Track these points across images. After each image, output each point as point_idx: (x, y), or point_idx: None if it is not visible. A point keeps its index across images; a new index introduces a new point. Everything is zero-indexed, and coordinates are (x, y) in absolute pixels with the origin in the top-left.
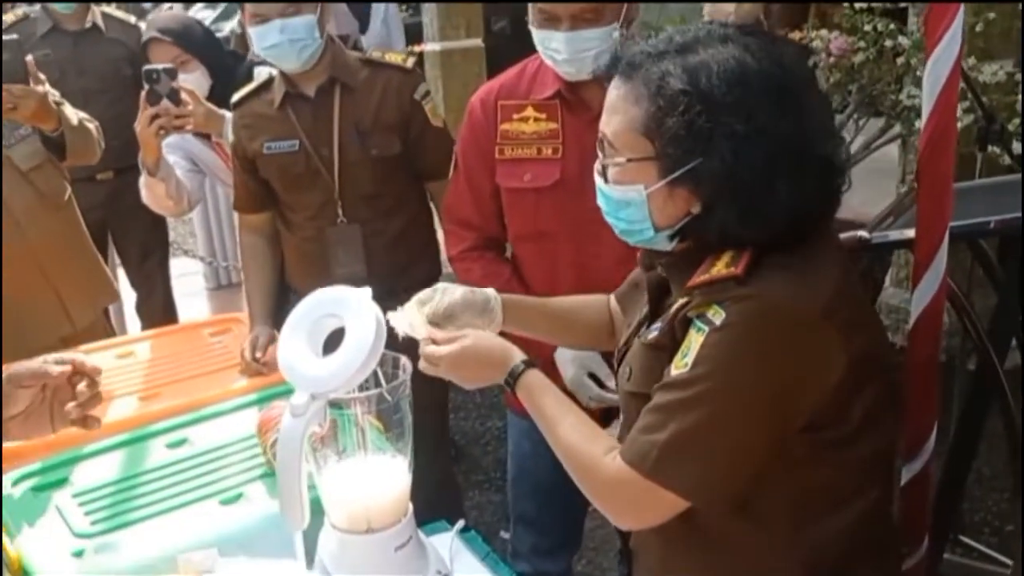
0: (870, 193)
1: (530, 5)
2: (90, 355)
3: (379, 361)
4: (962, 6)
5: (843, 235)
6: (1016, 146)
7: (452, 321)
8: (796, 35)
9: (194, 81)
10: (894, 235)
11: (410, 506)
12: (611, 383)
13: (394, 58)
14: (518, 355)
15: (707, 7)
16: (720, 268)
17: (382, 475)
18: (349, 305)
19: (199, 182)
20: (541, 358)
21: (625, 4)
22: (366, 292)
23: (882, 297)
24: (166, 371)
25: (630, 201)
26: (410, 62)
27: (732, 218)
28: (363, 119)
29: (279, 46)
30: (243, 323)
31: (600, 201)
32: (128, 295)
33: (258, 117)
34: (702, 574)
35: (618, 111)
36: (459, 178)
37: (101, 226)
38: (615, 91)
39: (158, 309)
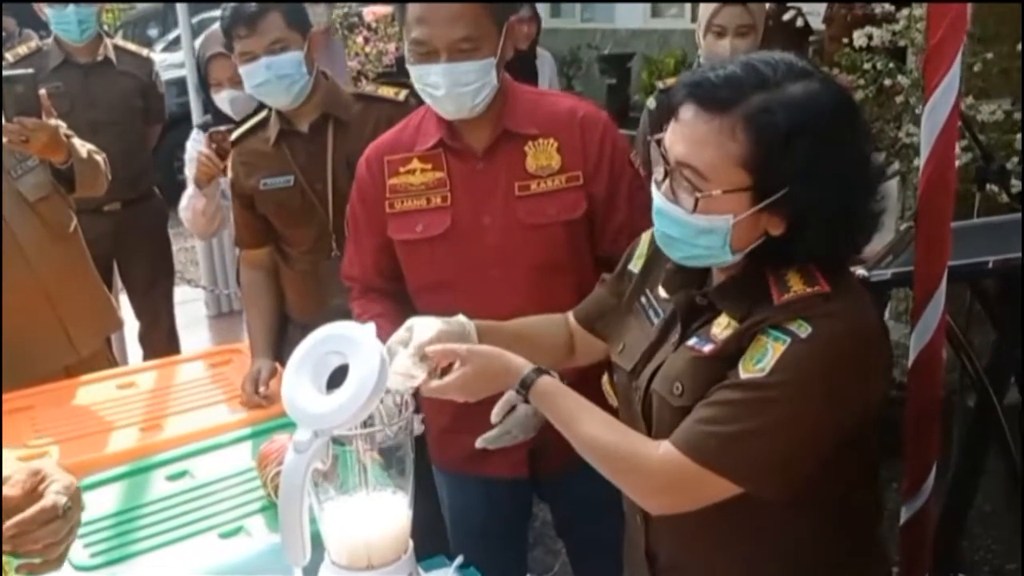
0: None
1: (406, 42)
2: (91, 385)
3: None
4: (960, 51)
5: None
6: (1016, 184)
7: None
8: None
9: (245, 98)
10: (893, 271)
11: (410, 543)
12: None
13: (387, 91)
14: (524, 364)
15: (703, 44)
16: (798, 286)
17: (383, 512)
18: (353, 342)
19: (226, 209)
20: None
21: (501, 41)
22: (370, 329)
23: None
24: (167, 402)
25: (714, 229)
26: (403, 95)
27: (821, 239)
28: (355, 153)
29: (268, 83)
30: (244, 354)
31: (670, 229)
32: (131, 324)
33: (254, 154)
34: (716, 559)
35: (710, 144)
36: (349, 234)
37: (107, 256)
38: (703, 124)
39: (161, 339)
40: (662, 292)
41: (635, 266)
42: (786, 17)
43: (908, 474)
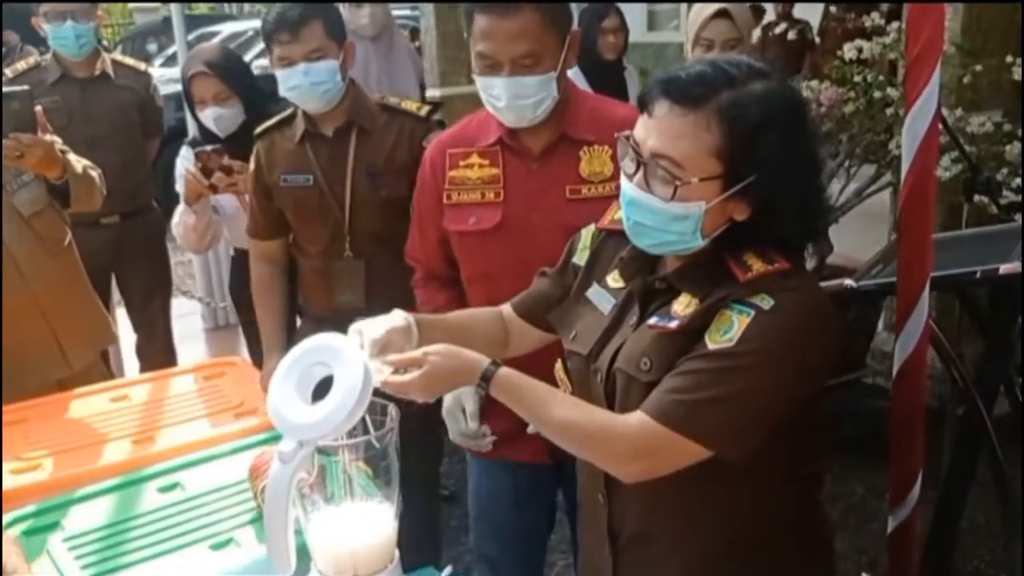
0: (863, 239)
1: (472, 53)
2: (84, 398)
3: (367, 408)
4: (939, 62)
5: (828, 283)
6: (1007, 195)
7: (390, 348)
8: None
9: (231, 116)
10: (877, 282)
11: (396, 553)
12: (474, 423)
13: (410, 105)
14: (480, 358)
15: (691, 57)
16: (759, 265)
17: (369, 522)
18: (338, 354)
19: (218, 224)
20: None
21: (563, 54)
22: (354, 341)
23: (875, 343)
24: (160, 414)
25: (688, 215)
26: (424, 111)
27: (783, 222)
28: (376, 161)
29: (301, 87)
30: (238, 366)
31: (644, 218)
32: (128, 336)
33: (278, 149)
34: (681, 528)
35: (686, 136)
36: (413, 220)
37: (105, 269)
38: (678, 119)
39: (159, 351)
40: (611, 281)
41: (579, 259)
42: (777, 30)
43: (894, 483)
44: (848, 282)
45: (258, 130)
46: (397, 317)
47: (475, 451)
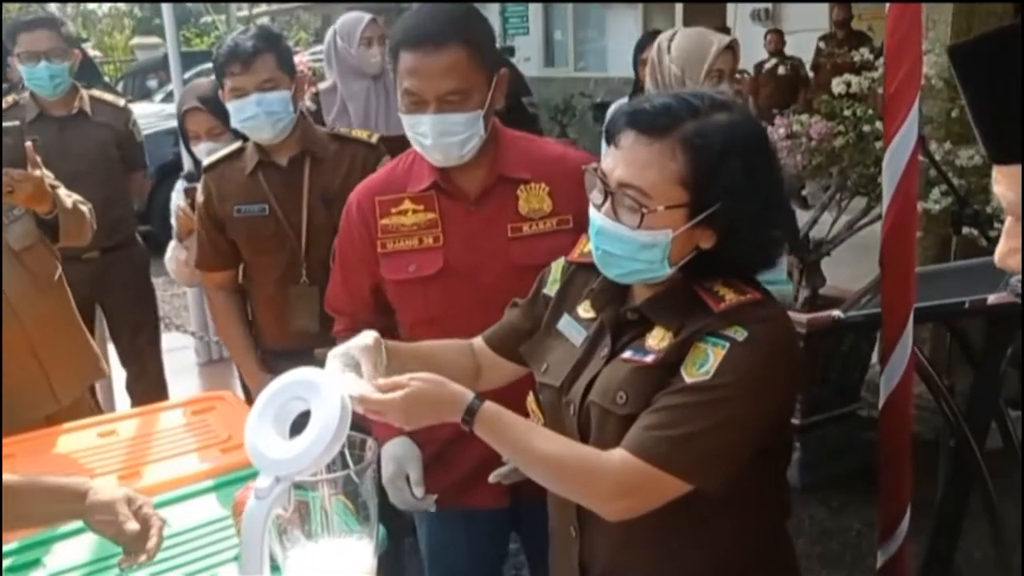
0: (855, 271)
1: (399, 90)
2: (72, 433)
3: (345, 443)
4: (917, 98)
5: (816, 315)
6: (999, 227)
7: (359, 365)
8: (779, 120)
9: (221, 151)
10: (863, 313)
11: None
12: (419, 490)
13: (360, 134)
14: (467, 392)
15: (699, 86)
16: (731, 296)
17: (347, 557)
18: (315, 388)
19: None
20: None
21: (490, 93)
22: (332, 375)
23: (869, 376)
24: (147, 450)
25: (656, 243)
26: (375, 137)
27: (746, 250)
28: (330, 188)
29: (256, 118)
30: (227, 401)
31: (612, 247)
32: (120, 371)
33: (229, 181)
34: (654, 562)
35: (652, 165)
36: (335, 272)
37: (89, 303)
38: (644, 148)
39: (149, 387)
40: (582, 312)
41: (550, 291)
42: (767, 66)
43: (881, 517)
44: (836, 313)
45: (206, 163)
46: (367, 336)
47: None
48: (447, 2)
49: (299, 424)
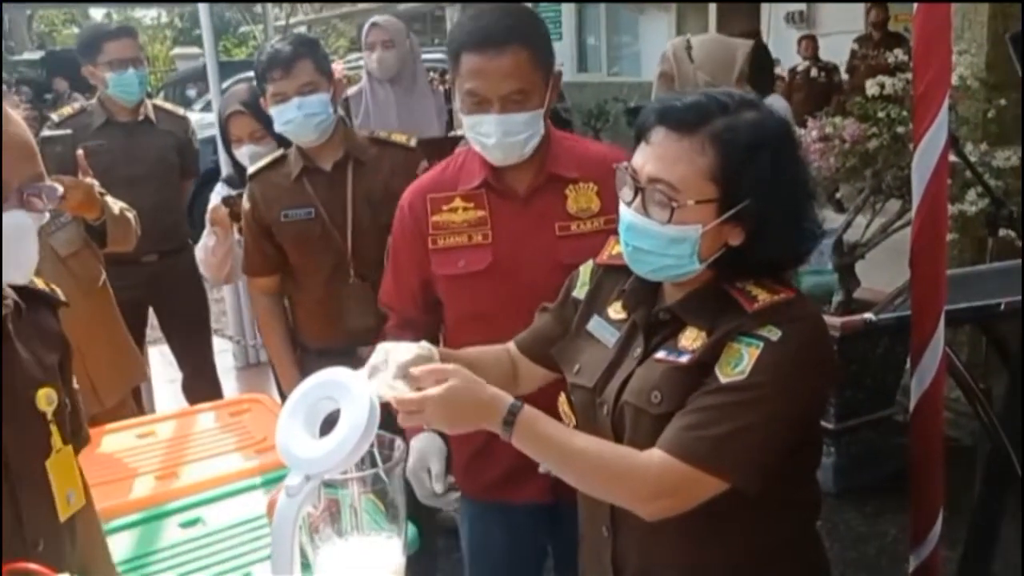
0: (890, 273)
1: (458, 91)
2: (113, 434)
3: (374, 443)
4: (946, 98)
5: (849, 318)
6: None
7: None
8: (811, 123)
9: (264, 153)
10: (894, 316)
11: None
12: (439, 484)
13: (398, 137)
14: (507, 396)
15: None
16: (764, 296)
17: (376, 555)
18: (344, 388)
19: (238, 258)
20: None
21: (548, 92)
22: (362, 375)
23: (904, 380)
24: (184, 451)
25: (686, 238)
26: (412, 141)
27: (777, 247)
28: (374, 191)
29: (296, 121)
30: (263, 404)
31: (642, 243)
32: (160, 373)
33: (275, 187)
34: (686, 561)
35: (682, 160)
36: (388, 268)
37: (142, 306)
38: (674, 144)
39: (205, 387)
40: (612, 313)
41: (579, 294)
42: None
43: (913, 521)
44: (869, 316)
45: (251, 171)
46: (424, 346)
47: (470, 496)
48: (492, 1)
49: (329, 423)
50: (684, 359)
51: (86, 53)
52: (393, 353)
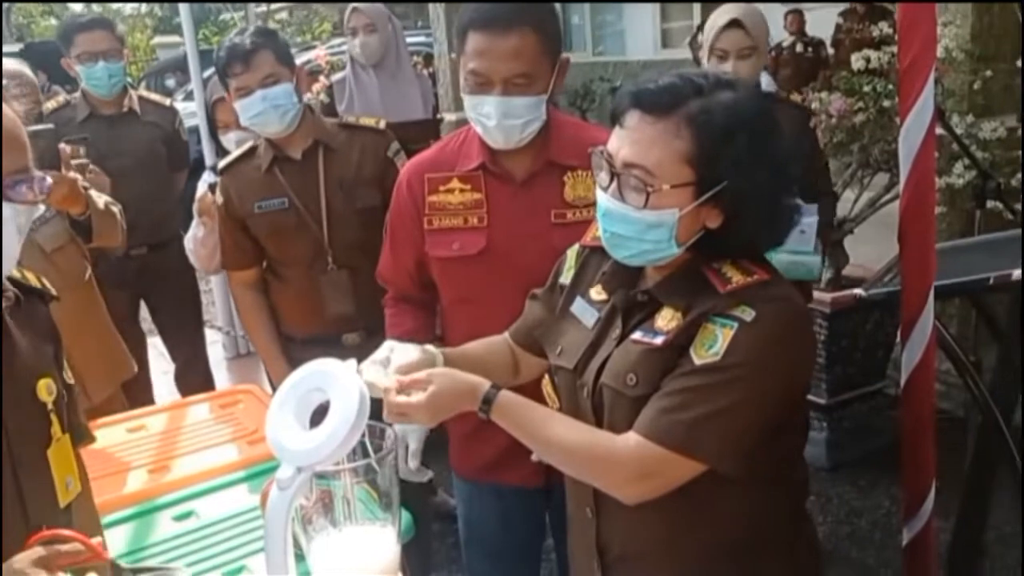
0: (879, 248)
1: (462, 71)
2: (103, 428)
3: (365, 432)
4: (932, 71)
5: (839, 294)
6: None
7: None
8: (797, 97)
9: (247, 139)
10: (883, 291)
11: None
12: (414, 461)
13: (367, 121)
14: (484, 382)
15: (706, 67)
16: (738, 276)
17: (371, 544)
18: (334, 379)
19: None
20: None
21: (553, 78)
22: (351, 366)
23: (895, 353)
24: (176, 444)
25: (662, 223)
26: (382, 123)
27: (755, 228)
28: (346, 176)
29: (263, 113)
30: (254, 395)
31: (620, 228)
32: (158, 365)
33: (246, 180)
34: (669, 543)
35: (657, 143)
36: (385, 244)
37: (134, 299)
38: (649, 127)
39: (197, 378)
40: (595, 295)
41: (565, 278)
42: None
43: (906, 495)
44: (859, 291)
45: (221, 165)
46: (427, 349)
47: (463, 476)
48: None
49: (320, 415)
50: (658, 340)
51: (64, 45)
52: (397, 352)
